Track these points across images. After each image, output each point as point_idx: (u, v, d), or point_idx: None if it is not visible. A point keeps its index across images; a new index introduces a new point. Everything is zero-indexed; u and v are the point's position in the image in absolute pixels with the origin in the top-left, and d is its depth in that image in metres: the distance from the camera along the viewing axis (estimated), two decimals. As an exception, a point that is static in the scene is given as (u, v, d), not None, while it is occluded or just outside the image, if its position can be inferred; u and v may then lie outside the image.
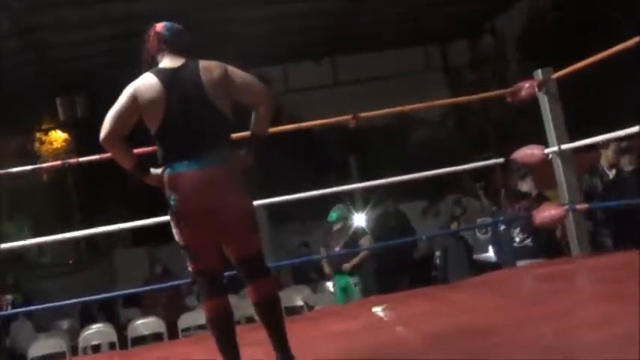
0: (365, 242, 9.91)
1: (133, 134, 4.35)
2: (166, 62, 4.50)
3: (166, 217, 7.01)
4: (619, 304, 4.38)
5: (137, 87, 4.37)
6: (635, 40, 5.70)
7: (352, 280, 9.76)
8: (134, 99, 4.35)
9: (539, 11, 15.37)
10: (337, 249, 9.99)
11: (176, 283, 9.44)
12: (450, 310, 5.51)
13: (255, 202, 7.85)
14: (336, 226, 10.09)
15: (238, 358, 4.28)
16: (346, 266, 9.79)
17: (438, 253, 10.97)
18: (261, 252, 4.43)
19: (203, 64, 4.46)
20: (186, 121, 4.30)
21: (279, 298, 4.49)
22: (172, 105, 4.29)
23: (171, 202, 4.27)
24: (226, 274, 4.40)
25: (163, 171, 4.35)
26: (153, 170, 4.50)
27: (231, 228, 4.34)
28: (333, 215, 10.08)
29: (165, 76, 4.39)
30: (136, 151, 4.80)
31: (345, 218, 10.15)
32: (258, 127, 4.56)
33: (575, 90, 7.19)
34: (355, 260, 9.76)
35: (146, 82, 4.37)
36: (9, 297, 11.16)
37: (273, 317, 4.33)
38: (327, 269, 10.34)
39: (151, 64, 4.57)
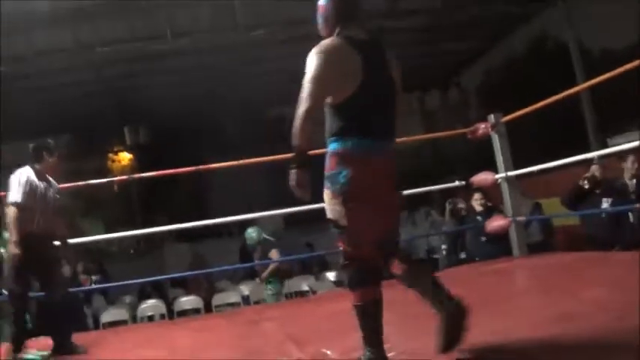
0: (273, 255, 9.55)
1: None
2: (355, 31, 3.34)
3: (205, 222, 7.14)
4: (546, 294, 4.41)
5: (332, 51, 3.24)
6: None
7: (267, 288, 9.52)
8: (333, 63, 3.20)
9: (492, 70, 15.53)
10: (256, 262, 9.78)
11: (211, 270, 9.33)
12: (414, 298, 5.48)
13: (274, 212, 7.96)
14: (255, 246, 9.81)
15: (382, 343, 3.30)
16: (262, 276, 9.59)
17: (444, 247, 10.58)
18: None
19: (383, 45, 3.41)
20: (376, 98, 3.25)
21: None
22: (368, 79, 3.19)
23: (341, 180, 3.19)
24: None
25: (335, 144, 3.25)
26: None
27: (391, 217, 3.42)
28: (250, 240, 9.73)
29: (360, 46, 3.27)
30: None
31: (258, 240, 9.70)
32: None
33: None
34: (266, 273, 9.50)
35: (342, 49, 3.25)
36: (94, 277, 11.19)
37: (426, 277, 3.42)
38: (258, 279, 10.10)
39: (333, 30, 3.40)
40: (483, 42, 14.90)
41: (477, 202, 8.40)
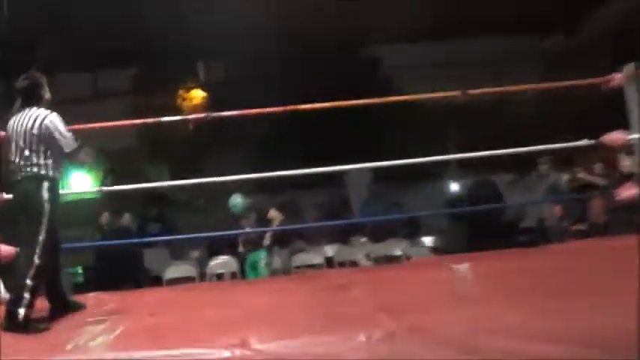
0: (274, 217, 9.62)
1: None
2: None
3: (286, 172, 7.15)
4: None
5: None
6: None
7: (262, 257, 9.56)
8: None
9: (630, 11, 14.97)
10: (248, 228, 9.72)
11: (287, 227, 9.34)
12: (534, 271, 5.37)
13: (363, 165, 7.93)
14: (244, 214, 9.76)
15: None
16: (267, 242, 9.62)
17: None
18: None
19: None
20: None
21: None
22: None
23: None
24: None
25: None
26: None
27: None
28: (237, 208, 9.73)
29: None
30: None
31: (247, 208, 9.72)
32: None
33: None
34: (267, 239, 9.57)
35: None
36: (153, 226, 11.46)
37: None
38: (240, 248, 10.08)
39: None
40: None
41: (597, 175, 8.23)
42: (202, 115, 8.20)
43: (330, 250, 11.05)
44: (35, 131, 5.04)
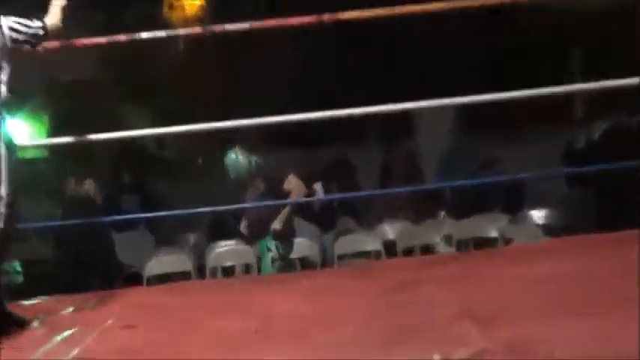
0: (294, 186, 9.32)
1: None
2: None
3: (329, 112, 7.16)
4: None
5: None
6: None
7: (268, 246, 9.46)
8: None
9: None
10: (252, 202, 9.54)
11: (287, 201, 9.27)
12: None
13: (439, 102, 7.90)
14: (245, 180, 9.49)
15: None
16: (276, 227, 9.38)
17: None
18: None
19: None
20: None
21: None
22: None
23: None
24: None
25: None
26: None
27: None
28: (235, 169, 9.47)
29: None
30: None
31: (251, 170, 9.41)
32: None
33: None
34: (279, 221, 9.34)
35: None
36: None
37: None
38: (244, 229, 10.01)
39: None
40: None
41: None
42: (198, 29, 8.18)
43: (391, 230, 11.06)
44: None
